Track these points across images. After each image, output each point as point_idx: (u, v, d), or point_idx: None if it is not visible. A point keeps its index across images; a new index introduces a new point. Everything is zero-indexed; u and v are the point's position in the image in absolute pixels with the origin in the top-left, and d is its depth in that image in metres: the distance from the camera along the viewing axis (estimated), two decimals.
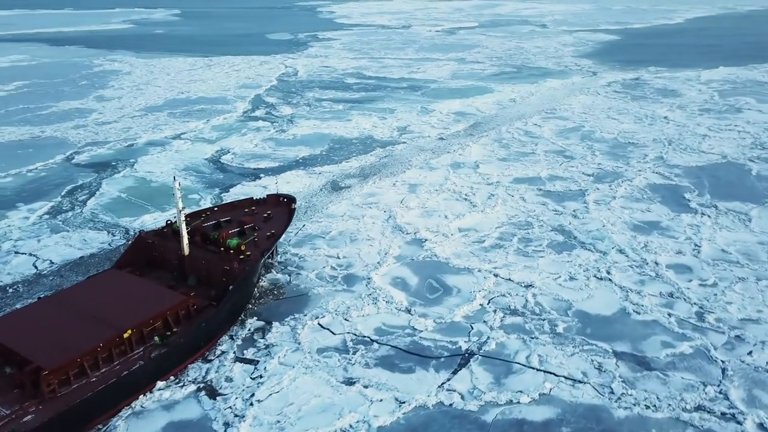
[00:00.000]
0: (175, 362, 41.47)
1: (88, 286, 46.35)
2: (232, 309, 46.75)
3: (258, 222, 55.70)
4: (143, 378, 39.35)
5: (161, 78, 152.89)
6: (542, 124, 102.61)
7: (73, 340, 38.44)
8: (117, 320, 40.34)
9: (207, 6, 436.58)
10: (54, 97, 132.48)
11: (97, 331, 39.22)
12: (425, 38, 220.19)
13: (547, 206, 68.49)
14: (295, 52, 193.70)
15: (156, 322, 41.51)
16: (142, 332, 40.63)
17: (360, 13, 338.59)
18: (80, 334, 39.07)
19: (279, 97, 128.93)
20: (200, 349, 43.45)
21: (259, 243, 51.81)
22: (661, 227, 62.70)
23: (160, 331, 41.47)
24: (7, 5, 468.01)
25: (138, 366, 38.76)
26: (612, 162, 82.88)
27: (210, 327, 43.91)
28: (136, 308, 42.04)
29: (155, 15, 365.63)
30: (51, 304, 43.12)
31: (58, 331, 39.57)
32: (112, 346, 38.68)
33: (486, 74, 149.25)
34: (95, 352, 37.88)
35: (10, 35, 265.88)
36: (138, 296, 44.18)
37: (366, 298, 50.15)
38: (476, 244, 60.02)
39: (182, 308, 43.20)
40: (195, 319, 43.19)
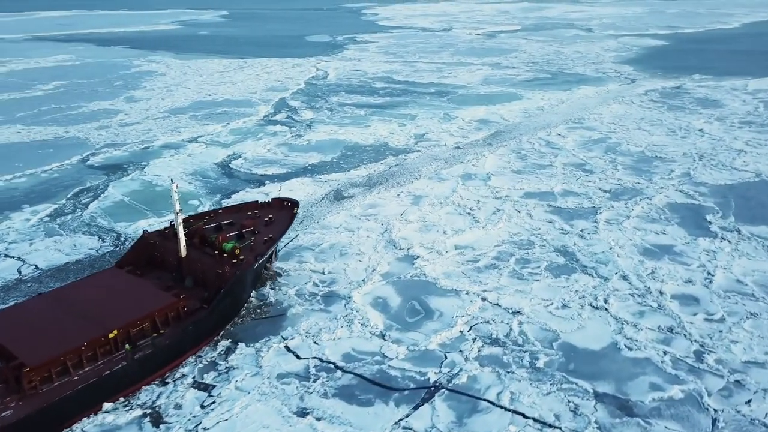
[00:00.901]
0: (159, 364, 41.39)
1: (86, 284, 47.14)
2: (223, 313, 46.48)
3: (259, 226, 55.16)
4: (125, 379, 39.48)
5: (193, 79, 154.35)
6: (567, 134, 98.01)
7: (59, 337, 38.91)
8: (105, 319, 40.65)
9: (255, 7, 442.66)
10: (86, 98, 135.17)
11: (84, 330, 39.55)
12: (463, 42, 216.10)
13: (554, 224, 64.61)
14: (329, 54, 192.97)
15: (144, 323, 41.50)
16: (128, 333, 40.66)
17: (404, 15, 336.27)
18: (67, 332, 39.51)
19: (303, 100, 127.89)
20: (187, 351, 43.33)
21: (255, 247, 51.31)
22: (673, 252, 58.05)
23: (147, 332, 41.42)
24: (66, 6, 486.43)
25: (120, 366, 38.70)
26: (633, 177, 78.00)
27: (198, 330, 43.76)
28: (126, 308, 42.21)
29: (204, 16, 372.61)
30: (48, 301, 43.81)
31: (47, 328, 40.06)
32: (96, 346, 38.92)
33: (518, 80, 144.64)
34: (79, 351, 38.18)
35: (64, 35, 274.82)
36: (130, 296, 44.23)
37: (341, 319, 47.79)
38: (470, 263, 56.86)
39: (172, 310, 43.15)
40: (184, 322, 43.05)
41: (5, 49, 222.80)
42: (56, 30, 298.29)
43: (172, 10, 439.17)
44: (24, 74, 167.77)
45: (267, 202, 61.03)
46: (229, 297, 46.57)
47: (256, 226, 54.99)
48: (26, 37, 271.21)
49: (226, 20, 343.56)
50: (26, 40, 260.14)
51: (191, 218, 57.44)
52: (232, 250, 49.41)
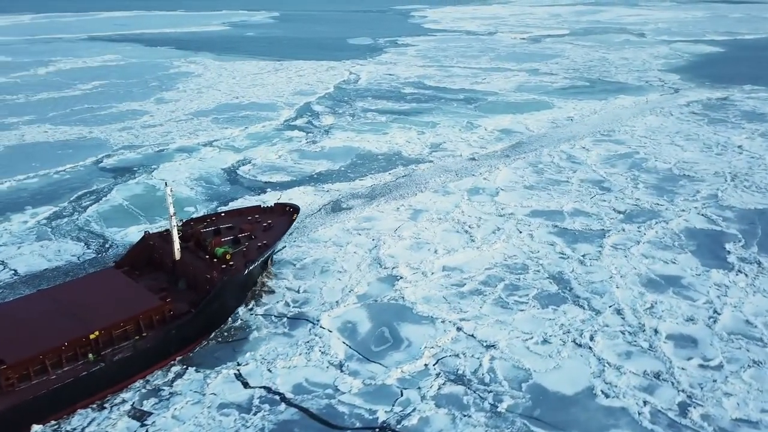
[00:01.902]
0: (139, 367, 41.47)
1: (80, 284, 48.32)
2: (209, 317, 46.17)
3: (256, 231, 54.97)
4: (103, 381, 39.50)
5: (225, 81, 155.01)
6: (592, 147, 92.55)
7: (41, 336, 39.36)
8: (89, 320, 40.87)
9: (307, 9, 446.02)
10: (119, 98, 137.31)
11: (66, 330, 39.94)
12: (505, 46, 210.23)
13: (555, 247, 60.24)
14: (366, 58, 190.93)
15: (127, 325, 41.55)
16: (111, 334, 40.68)
17: (452, 18, 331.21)
18: (50, 331, 40.18)
19: (327, 105, 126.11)
20: (171, 354, 43.39)
21: (248, 253, 51.11)
22: (679, 284, 52.94)
23: (130, 334, 41.65)
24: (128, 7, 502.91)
25: (98, 368, 38.83)
26: (653, 198, 72.42)
27: (182, 334, 43.66)
28: (112, 309, 42.45)
29: (255, 17, 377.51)
30: (42, 298, 44.64)
31: (32, 326, 40.47)
32: (77, 346, 39.10)
33: (554, 88, 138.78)
34: (59, 351, 38.40)
35: (118, 35, 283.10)
36: (118, 297, 44.43)
37: (302, 345, 45.25)
38: (454, 287, 53.37)
39: (157, 313, 43.10)
40: (169, 325, 42.96)
41: (59, 49, 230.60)
42: (112, 30, 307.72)
43: (227, 11, 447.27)
44: (68, 74, 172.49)
45: (269, 207, 60.80)
46: (216, 302, 46.39)
47: (254, 231, 54.57)
48: (82, 36, 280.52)
49: (275, 21, 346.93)
50: (82, 39, 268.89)
51: (192, 221, 57.49)
52: (223, 255, 49.27)
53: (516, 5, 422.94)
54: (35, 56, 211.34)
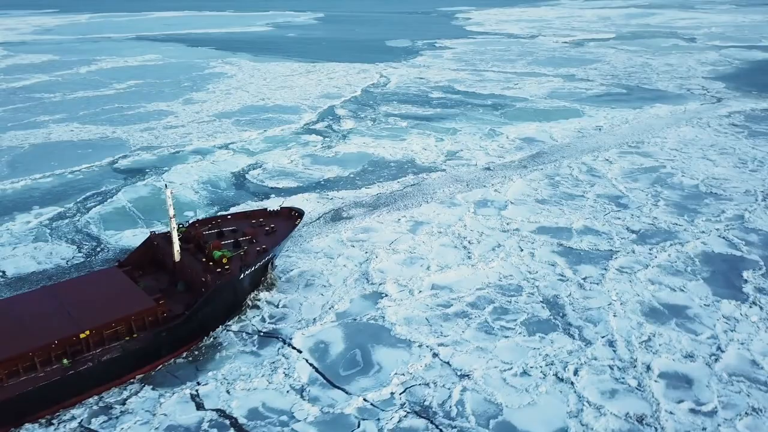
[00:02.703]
0: (127, 369, 41.56)
1: (81, 282, 48.93)
2: (201, 321, 45.84)
3: (258, 235, 54.52)
4: (90, 380, 39.74)
5: (256, 83, 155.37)
6: (615, 160, 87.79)
7: (32, 333, 39.66)
8: (81, 319, 41.03)
9: (352, 10, 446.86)
10: (149, 98, 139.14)
11: (58, 328, 40.16)
12: (545, 50, 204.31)
13: (556, 268, 56.65)
14: (400, 60, 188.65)
15: (118, 325, 41.56)
16: (102, 334, 40.76)
17: (496, 20, 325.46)
18: (42, 329, 40.09)
19: (351, 109, 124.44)
20: (162, 357, 43.41)
21: (245, 257, 50.61)
22: (684, 315, 48.73)
23: (121, 334, 41.72)
24: (180, 7, 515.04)
25: (86, 367, 39.08)
26: (672, 217, 67.68)
27: (173, 337, 43.49)
28: (105, 310, 42.54)
29: (299, 18, 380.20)
30: (42, 295, 45.10)
31: (26, 323, 40.82)
32: (67, 345, 39.31)
33: (587, 95, 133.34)
34: (49, 349, 38.68)
35: (164, 35, 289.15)
36: (113, 297, 44.53)
37: (266, 366, 43.39)
38: (440, 308, 50.58)
39: (150, 315, 42.95)
40: (161, 327, 42.82)
41: (105, 48, 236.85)
42: (159, 30, 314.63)
43: (274, 11, 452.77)
44: (108, 73, 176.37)
45: (275, 211, 60.05)
46: (209, 306, 46.05)
47: (256, 235, 54.10)
48: (130, 36, 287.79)
49: (319, 23, 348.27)
50: (129, 39, 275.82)
51: (198, 222, 57.26)
52: (220, 259, 48.84)
53: (565, 7, 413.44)
54: (81, 55, 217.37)
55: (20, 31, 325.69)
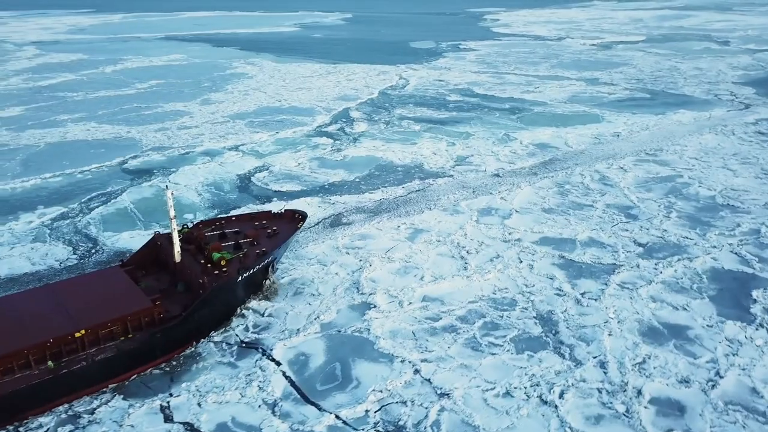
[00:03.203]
0: (121, 369, 41.71)
1: (83, 281, 49.46)
2: (198, 323, 45.77)
3: (260, 237, 54.41)
4: (83, 379, 39.93)
5: (274, 84, 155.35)
6: (630, 168, 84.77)
7: (28, 331, 40.01)
8: (78, 318, 41.31)
9: (381, 11, 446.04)
10: (168, 98, 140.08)
11: (54, 326, 40.44)
12: (571, 53, 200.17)
13: (554, 282, 54.51)
14: (422, 62, 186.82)
15: (114, 325, 41.72)
16: (97, 334, 40.97)
17: (524, 21, 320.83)
18: (39, 327, 40.46)
19: (366, 111, 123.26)
20: (156, 358, 43.48)
21: (244, 260, 50.48)
22: (684, 336, 46.24)
23: (117, 334, 41.87)
24: (210, 7, 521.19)
25: (79, 366, 39.24)
26: (684, 230, 64.78)
27: (168, 338, 43.52)
28: (101, 309, 42.69)
29: (327, 19, 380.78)
30: (44, 292, 45.71)
31: (24, 320, 41.26)
32: (62, 344, 39.58)
33: (609, 99, 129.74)
34: (44, 347, 38.98)
35: (192, 35, 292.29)
36: (111, 297, 44.68)
37: (242, 378, 42.38)
38: (428, 321, 48.98)
39: (146, 315, 43.09)
40: (157, 328, 42.93)
41: (133, 48, 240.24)
42: (189, 30, 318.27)
43: (303, 12, 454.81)
44: (132, 72, 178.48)
45: (279, 213, 59.72)
46: (206, 308, 45.99)
47: (257, 238, 53.99)
48: (159, 36, 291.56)
49: (346, 23, 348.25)
50: (158, 39, 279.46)
51: (201, 223, 57.40)
52: (218, 261, 48.79)
53: (597, 9, 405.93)
54: (109, 54, 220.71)
55: (55, 30, 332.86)
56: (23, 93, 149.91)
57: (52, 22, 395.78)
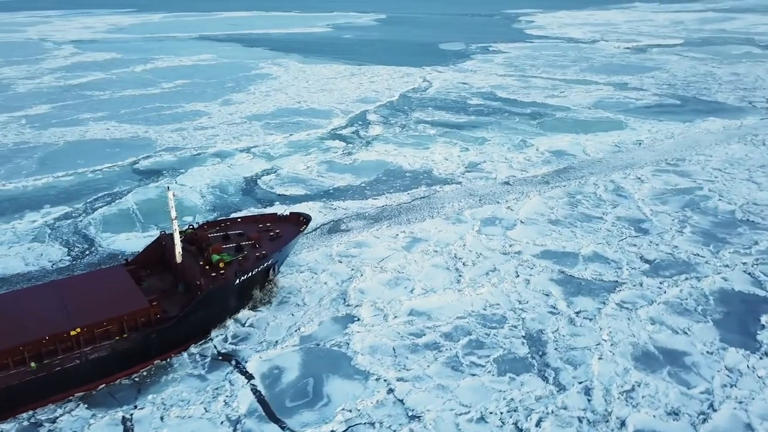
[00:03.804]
0: (114, 368, 41.93)
1: (85, 279, 49.95)
2: (193, 325, 45.77)
3: (262, 240, 54.37)
4: (78, 378, 40.35)
5: (297, 85, 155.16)
6: (648, 179, 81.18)
7: (26, 327, 40.46)
8: (75, 316, 41.67)
9: (416, 11, 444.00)
10: (190, 98, 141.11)
11: (51, 324, 40.73)
12: (603, 56, 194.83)
13: (549, 299, 52.04)
14: (448, 64, 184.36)
15: (110, 324, 41.90)
16: (93, 332, 41.18)
17: (559, 23, 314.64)
18: (36, 324, 40.79)
19: (383, 114, 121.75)
20: (151, 358, 43.62)
21: (243, 262, 50.38)
22: (680, 363, 43.36)
23: (112, 333, 42.00)
24: (248, 7, 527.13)
25: (72, 365, 39.67)
26: (696, 246, 61.33)
27: (162, 339, 43.67)
28: (99, 308, 42.94)
29: (360, 20, 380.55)
30: (47, 290, 46.27)
31: (24, 316, 41.83)
32: (57, 341, 39.87)
33: (636, 105, 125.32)
34: (39, 344, 39.39)
35: (225, 35, 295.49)
36: (110, 296, 44.86)
37: (209, 392, 41.29)
38: (411, 337, 47.18)
39: (143, 315, 43.19)
40: (152, 329, 43.09)
41: (166, 47, 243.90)
42: (223, 30, 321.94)
43: (339, 12, 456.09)
44: (160, 72, 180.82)
45: (285, 216, 59.46)
46: (202, 310, 45.86)
47: (260, 240, 54.00)
48: (194, 36, 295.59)
49: (378, 24, 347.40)
50: (192, 38, 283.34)
51: (206, 224, 57.46)
52: (216, 263, 48.82)
53: (637, 11, 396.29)
54: (142, 54, 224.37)
55: (95, 29, 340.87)
56: (53, 91, 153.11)
57: (94, 21, 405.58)
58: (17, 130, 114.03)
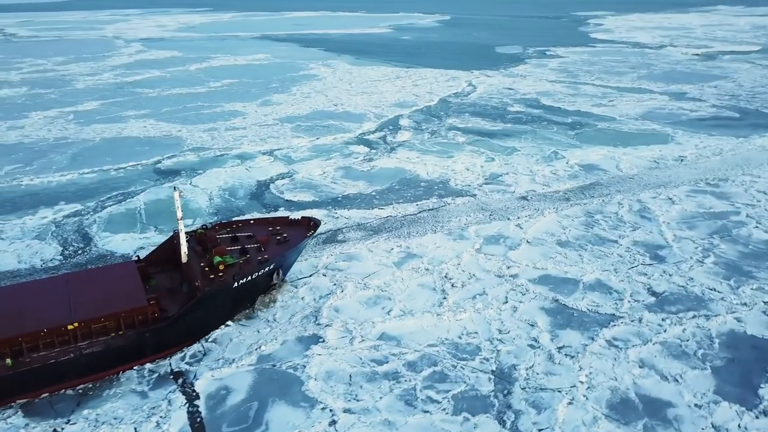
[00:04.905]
0: (107, 365, 42.46)
1: (94, 273, 50.72)
2: (189, 326, 45.78)
3: (269, 243, 54.32)
4: (72, 371, 41.02)
5: (340, 87, 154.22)
6: (681, 200, 74.70)
7: (27, 319, 41.51)
8: (76, 310, 42.35)
9: (482, 13, 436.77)
10: (232, 98, 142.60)
11: (52, 317, 41.75)
12: (667, 62, 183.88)
13: (533, 330, 47.94)
14: (499, 68, 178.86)
15: (107, 321, 42.30)
16: (90, 328, 41.69)
17: (629, 27, 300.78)
18: (38, 316, 41.76)
19: (416, 120, 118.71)
20: (146, 356, 43.91)
21: (243, 266, 50.25)
22: (660, 416, 38.55)
23: (109, 330, 42.58)
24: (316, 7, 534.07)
25: (67, 359, 40.34)
26: (714, 279, 55.34)
27: (157, 338, 43.94)
28: (100, 304, 43.61)
29: (423, 21, 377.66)
30: (56, 283, 47.09)
31: (28, 308, 42.78)
32: (55, 334, 40.61)
33: (689, 117, 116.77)
34: (37, 336, 40.17)
35: (286, 35, 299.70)
36: (112, 293, 45.39)
37: (145, 411, 39.95)
38: (372, 364, 44.41)
39: (141, 313, 43.53)
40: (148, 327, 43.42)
41: (225, 46, 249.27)
42: (286, 29, 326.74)
43: (404, 13, 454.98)
44: (211, 71, 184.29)
45: (296, 220, 59.26)
46: (198, 312, 45.99)
47: (266, 243, 54.01)
48: (256, 35, 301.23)
49: (440, 26, 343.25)
50: (253, 38, 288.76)
51: (218, 225, 57.82)
52: (217, 265, 48.95)
53: (718, 14, 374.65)
54: (201, 52, 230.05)
55: (167, 28, 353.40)
56: (107, 88, 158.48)
57: (168, 19, 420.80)
58: (62, 126, 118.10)
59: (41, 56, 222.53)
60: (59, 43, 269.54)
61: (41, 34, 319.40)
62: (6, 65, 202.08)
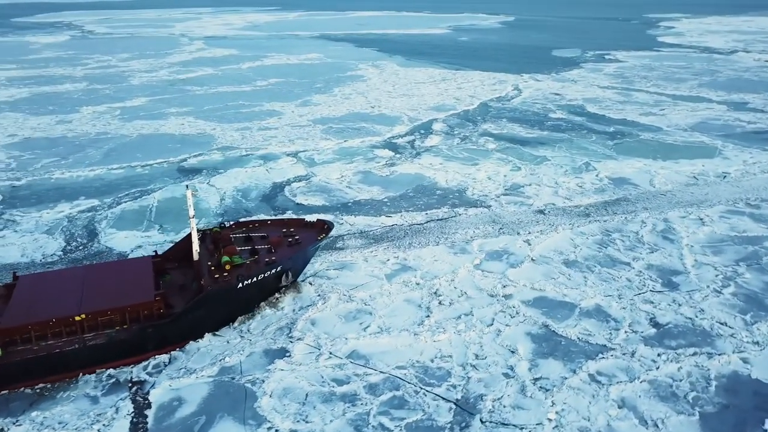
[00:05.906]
0: (110, 357, 43.39)
1: (111, 266, 52.32)
2: (191, 324, 46.33)
3: (281, 244, 54.44)
4: (76, 361, 42.18)
5: (382, 88, 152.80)
6: (713, 221, 68.85)
7: (39, 308, 43.28)
8: (86, 302, 43.79)
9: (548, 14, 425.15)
10: (274, 97, 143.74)
11: (62, 307, 43.31)
12: (735, 69, 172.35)
13: (512, 357, 44.78)
14: (550, 72, 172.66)
15: (114, 314, 43.46)
16: (96, 320, 42.87)
17: (701, 30, 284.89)
18: (50, 305, 43.39)
19: (450, 124, 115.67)
20: (148, 351, 44.74)
21: (251, 266, 50.43)
22: None
23: (115, 323, 43.35)
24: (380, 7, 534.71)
25: (71, 349, 41.56)
26: (728, 313, 50.23)
27: (159, 334, 44.64)
28: (108, 297, 44.91)
29: (485, 22, 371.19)
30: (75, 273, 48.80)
31: (43, 297, 44.69)
32: (63, 325, 42.04)
33: (744, 130, 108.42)
34: (46, 326, 41.76)
35: (344, 34, 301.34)
36: (122, 286, 46.56)
37: (90, 417, 39.25)
38: (332, 384, 42.50)
39: (146, 309, 44.39)
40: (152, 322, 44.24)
41: (282, 45, 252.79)
42: (346, 29, 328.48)
43: (468, 14, 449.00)
44: (262, 70, 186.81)
45: (311, 222, 58.92)
46: (200, 310, 46.42)
47: (277, 245, 54.08)
48: (315, 34, 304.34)
49: (501, 27, 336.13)
50: (312, 37, 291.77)
51: (234, 224, 58.17)
52: (223, 265, 49.40)
53: None
54: (257, 51, 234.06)
55: (232, 26, 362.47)
56: (158, 85, 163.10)
57: (235, 18, 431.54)
58: (107, 121, 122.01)
59: (108, 53, 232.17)
60: (129, 41, 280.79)
61: (116, 31, 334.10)
62: (74, 61, 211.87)
